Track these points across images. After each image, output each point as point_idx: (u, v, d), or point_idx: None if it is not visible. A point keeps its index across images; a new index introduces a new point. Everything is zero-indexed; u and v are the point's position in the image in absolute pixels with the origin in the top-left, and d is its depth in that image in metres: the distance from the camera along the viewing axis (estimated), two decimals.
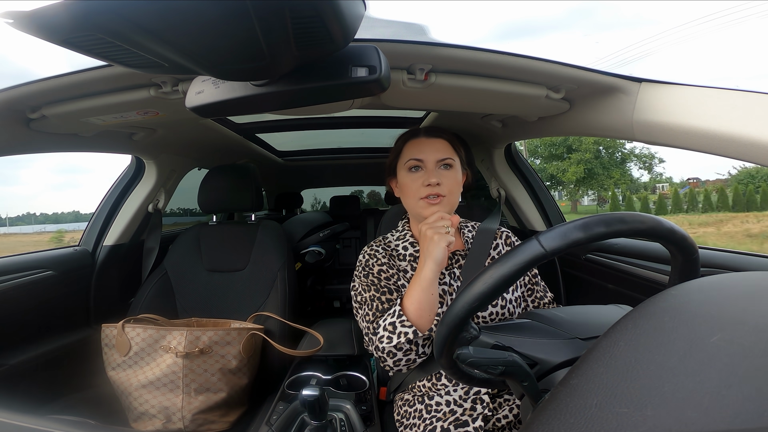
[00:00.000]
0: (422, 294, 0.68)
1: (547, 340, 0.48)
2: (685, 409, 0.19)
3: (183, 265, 1.20)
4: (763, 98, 0.52)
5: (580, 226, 0.38)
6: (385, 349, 0.69)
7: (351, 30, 0.35)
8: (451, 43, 0.62)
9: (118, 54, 0.33)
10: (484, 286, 0.39)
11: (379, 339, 0.70)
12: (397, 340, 0.68)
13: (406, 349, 0.68)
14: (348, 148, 2.20)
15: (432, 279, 0.68)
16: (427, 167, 0.77)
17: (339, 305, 2.43)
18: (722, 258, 0.76)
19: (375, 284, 0.78)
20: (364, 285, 0.79)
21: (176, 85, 0.71)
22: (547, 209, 1.29)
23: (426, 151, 0.78)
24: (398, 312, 0.69)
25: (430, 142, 0.79)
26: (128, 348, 0.91)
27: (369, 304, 0.76)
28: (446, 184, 0.76)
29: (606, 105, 0.73)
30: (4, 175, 18.89)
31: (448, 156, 0.78)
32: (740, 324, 0.23)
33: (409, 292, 0.69)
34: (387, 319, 0.70)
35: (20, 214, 25.21)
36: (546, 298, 0.84)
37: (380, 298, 0.76)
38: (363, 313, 0.77)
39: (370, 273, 0.80)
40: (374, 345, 0.71)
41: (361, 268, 0.82)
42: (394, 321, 0.69)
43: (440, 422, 0.71)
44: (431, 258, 0.68)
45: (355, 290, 0.81)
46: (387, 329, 0.69)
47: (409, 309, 0.68)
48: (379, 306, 0.75)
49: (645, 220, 0.39)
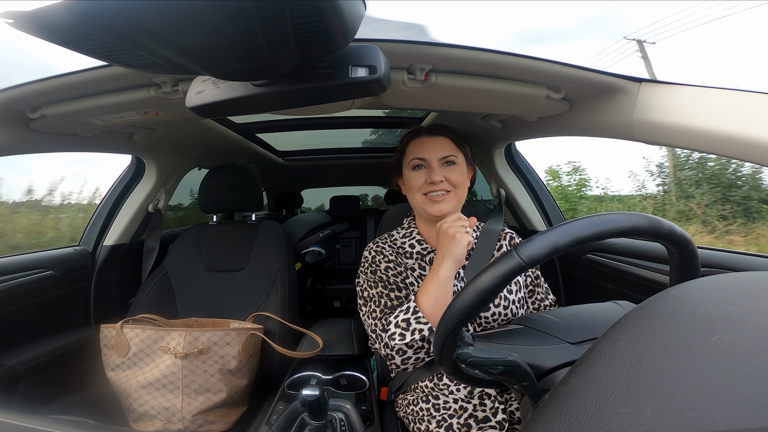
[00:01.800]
0: (438, 291, 0.67)
1: (538, 347, 0.48)
2: (685, 409, 0.19)
3: (183, 265, 1.20)
4: (763, 98, 0.52)
5: (560, 233, 0.38)
6: (395, 346, 0.68)
7: (351, 30, 0.35)
8: (451, 43, 0.62)
9: (118, 54, 0.33)
10: (469, 298, 0.39)
11: (389, 336, 0.69)
12: (411, 338, 0.67)
13: (417, 347, 0.68)
14: (348, 148, 2.20)
15: (449, 277, 0.68)
16: (430, 166, 0.78)
17: (339, 305, 2.43)
18: (722, 258, 0.76)
19: (383, 281, 0.77)
20: (371, 282, 0.78)
21: (176, 85, 0.71)
22: (547, 209, 1.29)
23: (428, 150, 0.79)
24: (413, 309, 0.68)
25: (432, 140, 0.80)
26: (127, 349, 0.91)
27: (376, 301, 0.75)
28: (451, 179, 0.77)
29: (606, 105, 0.73)
30: (17, 165, 18.55)
31: (450, 153, 0.78)
32: (740, 324, 0.23)
33: (424, 289, 0.69)
34: (400, 316, 0.69)
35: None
36: (546, 301, 0.83)
37: (388, 294, 0.75)
38: (369, 309, 0.76)
39: (378, 270, 0.79)
40: (383, 342, 0.70)
41: (368, 265, 0.81)
42: (409, 318, 0.68)
43: (454, 419, 0.71)
44: (451, 256, 0.67)
45: (360, 287, 0.81)
46: (400, 326, 0.68)
47: (425, 306, 0.67)
48: (388, 303, 0.75)
49: (625, 220, 0.39)
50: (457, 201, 0.79)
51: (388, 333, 0.69)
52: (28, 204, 3.68)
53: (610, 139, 0.79)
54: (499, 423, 0.69)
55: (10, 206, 3.61)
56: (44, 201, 3.80)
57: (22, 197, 3.69)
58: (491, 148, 1.28)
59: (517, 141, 1.27)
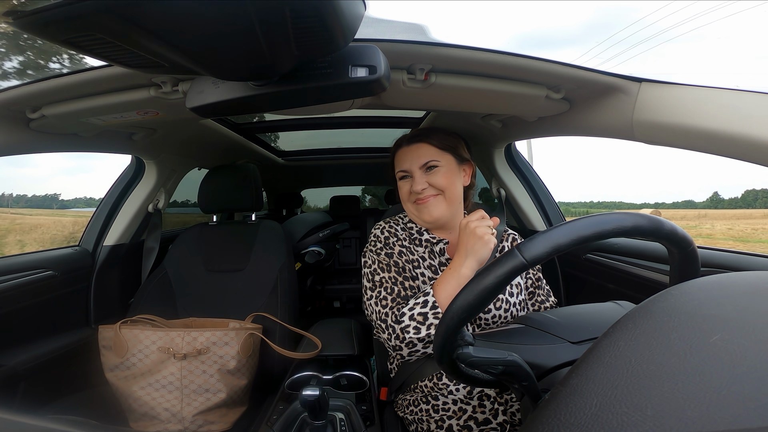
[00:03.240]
0: (458, 290, 0.67)
1: (539, 346, 0.48)
2: (685, 409, 0.19)
3: (183, 265, 1.20)
4: (763, 98, 0.52)
5: (562, 232, 0.38)
6: (406, 338, 0.66)
7: (351, 30, 0.35)
8: (451, 43, 0.62)
9: (118, 54, 0.33)
10: (471, 297, 0.40)
11: (403, 329, 0.67)
12: (426, 332, 0.65)
13: (428, 341, 0.67)
14: (348, 148, 2.20)
15: (469, 277, 0.66)
16: (413, 175, 0.79)
17: (339, 305, 2.42)
18: (722, 258, 0.76)
19: (398, 266, 0.75)
20: (383, 264, 0.75)
21: (176, 85, 0.71)
22: (547, 209, 1.29)
23: (408, 160, 0.80)
24: (433, 303, 0.66)
25: (412, 149, 0.80)
26: (125, 350, 0.91)
27: (388, 288, 0.73)
28: (436, 183, 0.77)
29: (606, 105, 0.73)
30: (17, 157, 18.75)
31: (430, 159, 0.78)
32: (740, 324, 0.23)
33: (443, 285, 0.67)
34: (416, 309, 0.67)
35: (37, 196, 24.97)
36: (547, 303, 0.83)
37: (403, 283, 0.73)
38: (378, 296, 0.73)
39: (392, 253, 0.77)
40: (394, 334, 0.68)
41: (381, 246, 0.79)
42: (426, 312, 0.66)
43: (453, 420, 0.71)
44: (475, 257, 0.66)
45: (369, 267, 0.77)
46: (415, 319, 0.66)
47: (445, 303, 0.66)
48: (401, 292, 0.72)
49: (627, 220, 0.39)
50: (448, 203, 0.78)
51: (402, 325, 0.67)
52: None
53: (610, 139, 0.80)
54: (500, 425, 0.68)
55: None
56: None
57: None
58: (491, 148, 1.28)
59: (517, 141, 1.27)
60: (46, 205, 18.50)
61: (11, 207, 15.78)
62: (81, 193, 21.97)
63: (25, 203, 17.95)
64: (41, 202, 19.00)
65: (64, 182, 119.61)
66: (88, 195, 10.64)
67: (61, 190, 30.60)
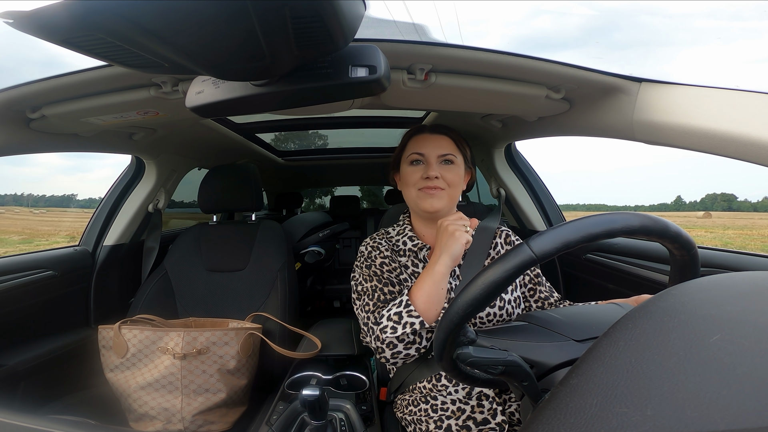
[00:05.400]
0: (433, 287, 0.68)
1: (543, 343, 0.48)
2: (685, 409, 0.19)
3: (183, 265, 1.20)
4: (763, 98, 0.52)
5: (571, 229, 0.38)
6: (386, 339, 0.68)
7: (351, 30, 0.35)
8: (451, 43, 0.62)
9: (118, 54, 0.33)
10: (477, 291, 0.39)
11: (381, 329, 0.69)
12: (402, 331, 0.67)
13: (408, 341, 0.68)
14: (348, 148, 2.20)
15: (445, 273, 0.68)
16: (428, 161, 0.79)
17: (339, 305, 2.43)
18: (722, 258, 0.76)
19: (377, 275, 0.78)
20: (366, 275, 0.79)
21: (176, 85, 0.71)
22: (547, 209, 1.29)
23: (428, 146, 0.79)
24: (406, 302, 0.69)
25: (434, 138, 0.80)
26: (125, 350, 0.91)
27: (370, 294, 0.76)
28: (447, 178, 0.78)
29: (606, 105, 0.73)
30: (15, 156, 18.71)
31: (449, 152, 0.79)
32: (740, 324, 0.23)
33: (419, 285, 0.69)
34: (392, 309, 0.70)
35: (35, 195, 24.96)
36: (552, 298, 0.83)
37: (382, 289, 0.76)
38: (362, 303, 0.76)
39: (373, 264, 0.80)
40: (374, 335, 0.70)
41: (364, 259, 0.82)
42: (401, 311, 0.68)
43: (451, 420, 0.71)
44: (448, 253, 0.68)
45: (355, 280, 0.81)
46: (392, 319, 0.69)
47: (418, 301, 0.68)
48: (381, 296, 0.75)
49: (635, 219, 0.39)
50: (449, 200, 0.79)
51: (380, 326, 0.69)
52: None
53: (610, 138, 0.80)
54: (499, 425, 0.69)
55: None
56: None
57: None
58: (491, 148, 1.28)
59: (517, 141, 1.27)
60: (64, 204, 18.44)
61: (30, 207, 15.81)
62: (77, 191, 21.93)
63: (45, 203, 17.97)
64: (59, 201, 18.95)
65: (63, 181, 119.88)
66: (100, 195, 10.79)
67: (77, 190, 30.37)
